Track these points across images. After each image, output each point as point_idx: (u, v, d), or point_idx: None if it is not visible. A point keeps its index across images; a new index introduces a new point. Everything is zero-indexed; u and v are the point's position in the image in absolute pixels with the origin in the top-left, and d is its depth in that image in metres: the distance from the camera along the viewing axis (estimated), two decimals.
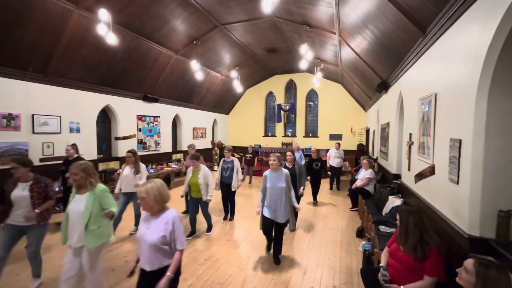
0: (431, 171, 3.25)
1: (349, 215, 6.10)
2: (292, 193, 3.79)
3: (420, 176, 3.72)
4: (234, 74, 11.15)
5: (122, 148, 8.45)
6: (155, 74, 8.74)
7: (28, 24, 5.10)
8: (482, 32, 2.17)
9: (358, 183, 6.24)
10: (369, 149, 10.90)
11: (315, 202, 7.11)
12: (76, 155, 5.36)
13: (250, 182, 9.80)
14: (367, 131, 11.75)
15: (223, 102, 14.07)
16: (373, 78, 7.16)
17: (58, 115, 6.46)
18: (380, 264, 2.43)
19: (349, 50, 7.07)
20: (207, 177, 4.64)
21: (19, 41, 5.22)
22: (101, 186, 2.65)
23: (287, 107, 13.93)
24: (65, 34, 5.69)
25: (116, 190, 4.75)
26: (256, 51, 10.55)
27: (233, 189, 5.49)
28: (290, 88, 14.30)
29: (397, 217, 2.42)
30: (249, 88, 14.69)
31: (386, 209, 4.53)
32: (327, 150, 12.95)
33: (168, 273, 1.99)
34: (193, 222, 4.76)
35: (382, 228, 3.89)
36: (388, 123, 6.44)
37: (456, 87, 2.63)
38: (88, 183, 2.57)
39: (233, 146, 14.04)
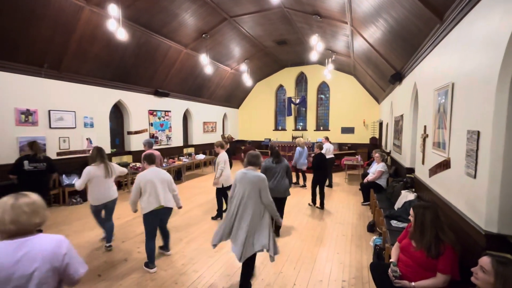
0: (446, 164, 3.12)
1: (360, 210, 6.01)
2: None
3: (434, 170, 3.59)
4: (243, 67, 11.09)
5: (134, 143, 8.64)
6: (165, 69, 8.81)
7: (41, 22, 5.22)
8: (504, 16, 2.02)
9: (370, 177, 6.12)
10: (382, 143, 10.63)
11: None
12: None
13: None
14: (380, 124, 11.45)
15: (233, 96, 14.05)
16: (386, 69, 6.92)
17: (73, 111, 6.66)
18: (391, 260, 2.37)
19: (361, 40, 6.84)
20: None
21: (34, 39, 5.38)
22: None
23: (298, 100, 13.75)
24: (77, 30, 5.80)
25: None
26: (265, 44, 10.41)
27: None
28: (301, 80, 14.08)
29: (411, 212, 2.33)
30: (259, 81, 14.58)
31: (399, 204, 4.42)
32: (339, 145, 12.85)
33: None
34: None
35: (394, 223, 3.80)
36: (402, 116, 6.23)
37: (474, 76, 2.49)
38: None
39: (242, 140, 14.09)
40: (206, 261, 3.66)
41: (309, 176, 7.62)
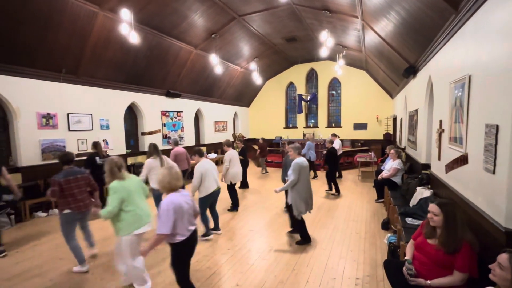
0: (463, 160, 3.02)
1: (374, 207, 5.91)
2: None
3: (451, 166, 3.48)
4: (253, 66, 11.10)
5: (148, 143, 8.83)
6: (177, 70, 8.96)
7: (58, 28, 5.44)
8: None
9: (384, 174, 6.00)
10: (397, 138, 10.38)
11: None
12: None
13: (265, 172, 10.14)
14: (394, 119, 11.17)
15: (243, 94, 14.10)
16: (399, 63, 6.74)
17: (89, 113, 6.91)
18: (405, 257, 2.34)
19: (373, 34, 6.68)
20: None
21: (52, 45, 5.61)
22: (112, 183, 2.79)
23: (308, 97, 13.62)
24: (92, 35, 6.00)
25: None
26: (275, 41, 10.37)
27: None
28: (311, 77, 13.93)
29: (435, 209, 2.21)
30: (268, 79, 14.55)
31: (414, 201, 4.32)
32: (352, 141, 12.64)
33: (146, 248, 2.33)
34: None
35: (409, 220, 3.72)
36: (416, 110, 6.06)
37: (493, 67, 2.39)
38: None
39: (253, 139, 14.14)
40: (220, 258, 3.73)
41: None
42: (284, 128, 14.58)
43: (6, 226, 4.88)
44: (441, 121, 4.04)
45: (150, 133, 8.95)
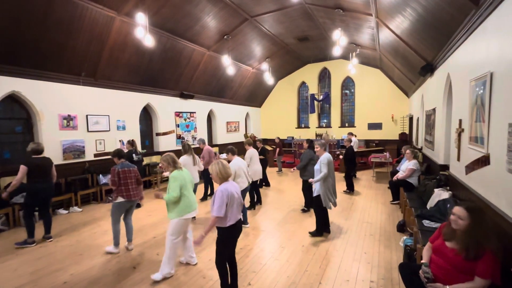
0: (485, 161, 2.90)
1: (389, 209, 5.77)
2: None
3: (472, 167, 3.34)
4: (265, 66, 11.11)
5: (162, 143, 9.06)
6: (190, 72, 9.12)
7: (79, 34, 5.68)
8: None
9: (400, 175, 5.84)
10: (413, 138, 10.08)
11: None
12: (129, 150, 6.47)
13: (279, 171, 10.27)
14: (410, 118, 10.85)
15: (255, 95, 14.14)
16: (416, 61, 6.54)
17: (107, 115, 7.15)
18: (422, 261, 2.27)
19: (387, 32, 6.53)
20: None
21: (73, 50, 5.86)
22: (173, 173, 3.25)
23: (321, 97, 13.47)
24: (109, 40, 6.21)
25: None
26: (287, 41, 10.33)
27: None
28: (324, 76, 13.77)
29: (460, 213, 2.08)
30: (280, 79, 14.51)
31: (431, 203, 4.18)
32: (366, 141, 12.38)
33: (202, 233, 2.62)
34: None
35: (427, 222, 3.61)
36: (434, 109, 5.87)
37: None
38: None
39: (264, 139, 14.14)
40: None
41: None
42: (296, 128, 14.49)
43: None
44: (460, 120, 3.90)
45: (164, 133, 9.15)
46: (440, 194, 4.11)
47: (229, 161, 4.59)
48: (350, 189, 7.06)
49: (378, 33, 7.37)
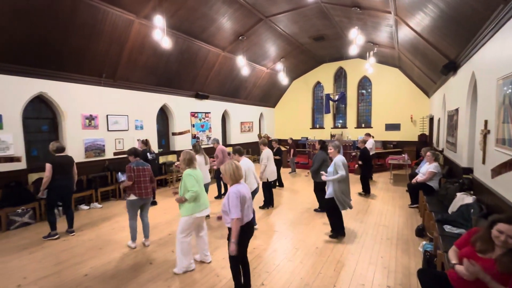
0: None
1: (408, 212, 5.57)
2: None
3: (498, 170, 3.17)
4: (279, 66, 11.07)
5: (178, 143, 9.25)
6: (205, 72, 9.25)
7: (100, 37, 5.91)
8: None
9: (419, 178, 5.63)
10: (433, 140, 9.68)
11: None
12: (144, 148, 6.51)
13: (292, 172, 10.14)
14: (431, 119, 10.44)
15: (269, 95, 14.12)
16: (437, 59, 6.28)
17: (126, 115, 7.40)
18: (453, 261, 2.13)
19: (407, 30, 6.32)
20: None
21: (94, 53, 6.11)
22: (187, 170, 3.33)
23: (337, 97, 13.25)
24: (128, 42, 6.43)
25: None
26: (301, 41, 10.25)
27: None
28: (340, 76, 13.53)
29: (504, 228, 1.90)
30: (295, 79, 14.41)
31: (453, 207, 4.00)
32: (383, 143, 12.04)
33: (232, 241, 2.55)
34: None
35: (448, 228, 3.46)
36: (457, 110, 5.61)
37: None
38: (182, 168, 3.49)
39: (278, 139, 14.07)
40: None
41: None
42: (310, 128, 14.33)
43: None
44: (486, 121, 3.70)
45: (180, 133, 9.34)
46: (463, 199, 3.92)
47: (241, 163, 4.54)
48: (366, 191, 6.89)
49: (397, 31, 7.15)
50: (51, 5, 4.86)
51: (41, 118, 6.04)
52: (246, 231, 2.70)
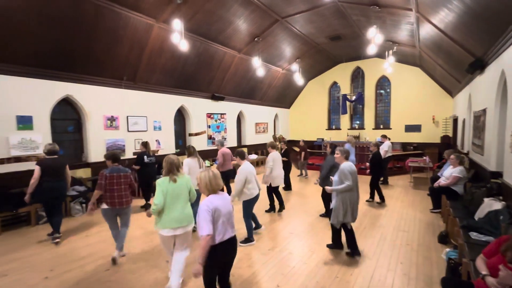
0: None
1: (429, 217, 5.34)
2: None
3: None
4: (295, 67, 11.00)
5: (195, 143, 9.41)
6: (221, 74, 9.36)
7: (121, 41, 6.15)
8: None
9: (442, 182, 5.38)
10: (457, 142, 9.23)
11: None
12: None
13: (300, 175, 9.68)
14: (455, 120, 9.96)
15: (284, 96, 14.06)
16: (462, 57, 5.99)
17: (145, 116, 7.64)
18: (482, 272, 2.02)
19: (429, 27, 6.08)
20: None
21: (116, 57, 6.36)
22: (158, 179, 2.96)
23: (354, 97, 12.96)
24: (148, 46, 6.63)
25: None
26: (318, 41, 10.12)
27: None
28: (357, 76, 13.23)
29: None
30: (310, 80, 14.25)
31: (480, 213, 3.78)
32: (402, 144, 11.63)
33: (198, 261, 2.16)
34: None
35: (474, 235, 3.27)
36: (484, 110, 5.32)
37: None
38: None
39: (292, 140, 13.97)
40: (260, 258, 3.77)
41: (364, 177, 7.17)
42: (326, 129, 14.10)
43: (78, 213, 5.69)
44: None
45: (196, 134, 9.51)
46: (491, 205, 3.70)
47: (238, 166, 4.29)
48: (381, 199, 6.36)
49: (419, 28, 6.89)
50: (77, 12, 5.12)
51: (67, 119, 6.37)
52: (220, 251, 2.27)
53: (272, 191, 5.60)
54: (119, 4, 5.44)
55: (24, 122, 5.35)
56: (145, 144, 6.20)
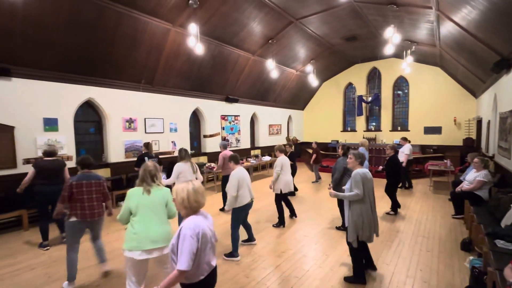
0: None
1: (451, 223, 5.12)
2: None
3: None
4: (309, 68, 10.92)
5: (209, 145, 9.57)
6: (235, 76, 9.46)
7: (140, 46, 6.36)
8: None
9: (465, 186, 5.15)
10: (482, 145, 8.80)
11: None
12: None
13: (314, 181, 9.03)
14: (479, 122, 9.50)
15: (298, 97, 13.98)
16: (487, 56, 5.73)
17: (161, 118, 7.85)
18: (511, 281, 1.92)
19: (450, 25, 5.85)
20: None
21: (134, 61, 6.59)
22: (130, 190, 2.51)
23: (370, 99, 12.67)
24: (165, 50, 6.82)
25: None
26: (333, 41, 10.00)
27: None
28: (373, 77, 12.94)
29: None
30: (325, 81, 14.08)
31: (507, 220, 3.58)
32: (421, 147, 11.22)
33: None
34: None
35: (501, 243, 3.10)
36: (511, 111, 5.05)
37: None
38: None
39: (306, 142, 13.83)
40: (275, 260, 3.76)
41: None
42: (341, 131, 13.87)
43: None
44: None
45: (211, 135, 9.65)
46: None
47: (236, 171, 3.88)
48: (393, 210, 5.71)
49: (439, 27, 6.65)
50: (99, 19, 5.36)
51: (88, 121, 6.66)
52: (208, 285, 1.86)
53: (282, 199, 5.13)
54: (138, 10, 5.64)
55: (50, 124, 5.65)
56: (146, 145, 6.05)
